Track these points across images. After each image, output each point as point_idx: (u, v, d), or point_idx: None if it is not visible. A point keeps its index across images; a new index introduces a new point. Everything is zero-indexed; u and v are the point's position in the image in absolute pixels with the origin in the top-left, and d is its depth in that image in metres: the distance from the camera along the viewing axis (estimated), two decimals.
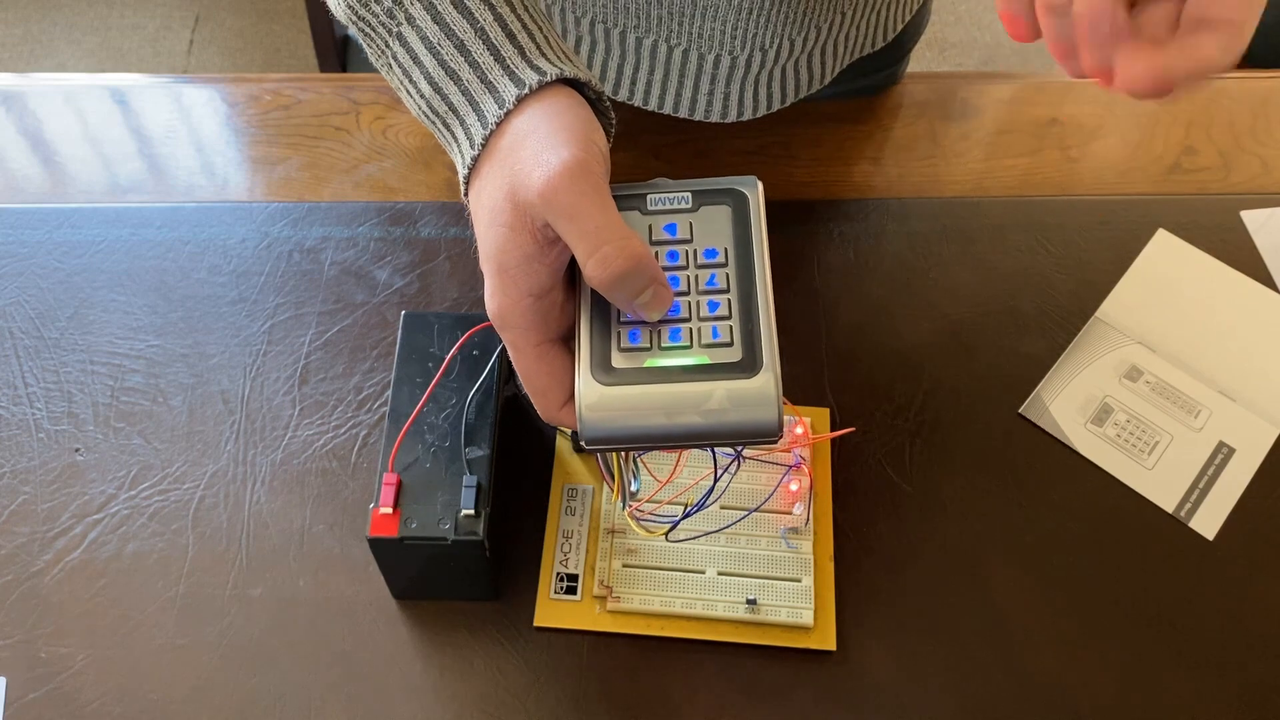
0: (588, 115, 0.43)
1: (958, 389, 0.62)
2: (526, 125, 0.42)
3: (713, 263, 0.43)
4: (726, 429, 0.41)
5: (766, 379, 0.41)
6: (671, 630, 0.54)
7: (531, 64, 0.43)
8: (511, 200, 0.41)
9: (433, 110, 0.46)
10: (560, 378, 0.43)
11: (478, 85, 0.44)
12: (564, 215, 0.40)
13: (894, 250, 0.67)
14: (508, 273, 0.42)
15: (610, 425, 0.41)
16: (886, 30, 0.71)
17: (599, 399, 0.41)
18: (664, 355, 0.42)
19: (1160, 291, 0.66)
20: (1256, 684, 0.54)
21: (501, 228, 0.42)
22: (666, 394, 0.41)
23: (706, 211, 0.44)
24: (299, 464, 0.59)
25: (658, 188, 0.45)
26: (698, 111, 0.67)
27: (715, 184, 0.45)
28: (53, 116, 0.73)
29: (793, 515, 0.56)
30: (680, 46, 0.63)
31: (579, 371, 0.42)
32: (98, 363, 0.63)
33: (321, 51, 1.17)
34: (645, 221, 0.44)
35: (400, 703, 0.53)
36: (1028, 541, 0.58)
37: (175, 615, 0.56)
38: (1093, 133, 0.72)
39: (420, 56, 0.45)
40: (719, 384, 0.41)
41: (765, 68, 0.65)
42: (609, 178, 0.42)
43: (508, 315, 0.43)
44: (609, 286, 0.41)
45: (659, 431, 0.41)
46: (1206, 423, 0.61)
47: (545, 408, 0.44)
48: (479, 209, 0.43)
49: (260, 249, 0.67)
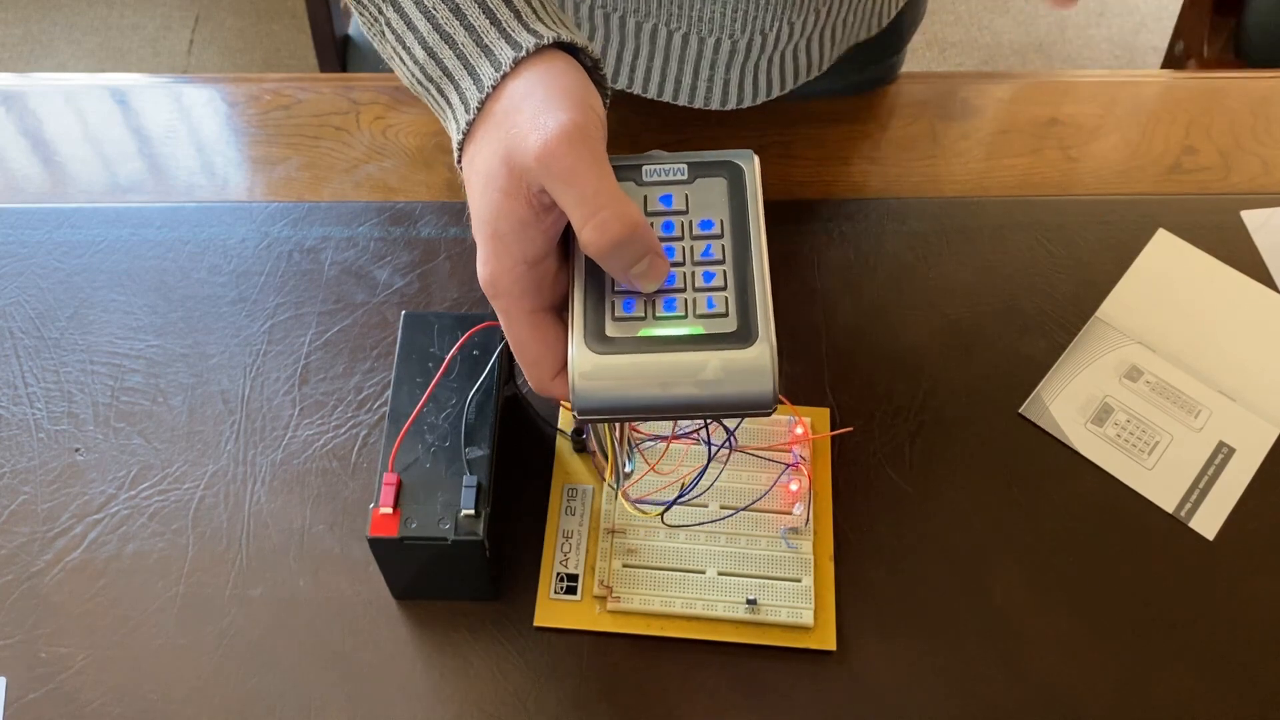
0: (585, 80, 0.42)
1: (958, 389, 0.62)
2: (523, 89, 0.42)
3: (708, 234, 0.43)
4: (721, 400, 0.40)
5: (762, 349, 0.40)
6: (671, 630, 0.54)
7: (528, 27, 0.43)
8: (507, 164, 0.41)
9: (426, 76, 0.45)
10: (553, 347, 0.43)
11: (473, 49, 0.43)
12: (561, 179, 0.39)
13: (893, 250, 0.67)
14: (501, 239, 0.41)
15: (603, 395, 0.40)
16: (882, 15, 0.71)
17: (593, 368, 0.40)
18: (659, 325, 0.41)
19: (1160, 291, 0.66)
20: (1256, 684, 0.54)
21: (496, 193, 0.41)
22: (661, 363, 0.40)
23: (702, 183, 0.44)
24: (299, 464, 0.59)
25: (654, 159, 0.45)
26: (698, 98, 0.67)
27: (711, 156, 0.45)
28: (53, 116, 0.73)
29: (793, 515, 0.56)
30: (680, 31, 0.63)
31: (572, 340, 0.41)
32: (98, 363, 0.63)
33: (321, 51, 1.17)
34: (641, 192, 0.44)
35: (400, 703, 0.53)
36: (1028, 541, 0.58)
37: (175, 615, 0.56)
38: (1093, 133, 0.72)
39: (414, 21, 0.44)
40: (714, 354, 0.40)
41: (765, 53, 0.65)
42: (606, 143, 0.42)
43: (500, 282, 0.42)
44: (605, 253, 0.40)
45: (653, 401, 0.40)
46: (1206, 423, 0.61)
47: (537, 378, 0.44)
48: (472, 174, 0.43)
49: (260, 249, 0.67)
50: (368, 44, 1.15)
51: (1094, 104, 0.74)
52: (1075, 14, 1.90)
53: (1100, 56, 1.86)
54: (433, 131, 0.72)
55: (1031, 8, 1.91)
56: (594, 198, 0.39)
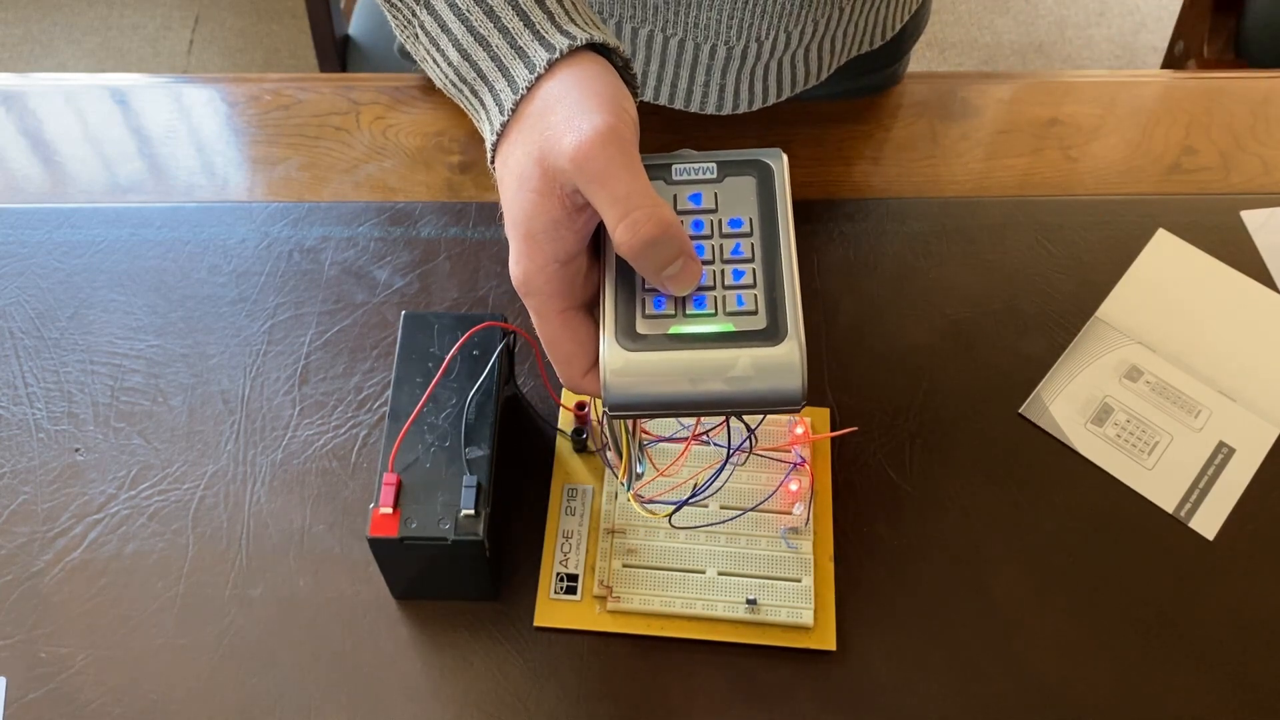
0: (617, 81, 0.43)
1: (958, 389, 0.62)
2: (557, 90, 0.42)
3: (737, 232, 0.43)
4: (750, 396, 0.41)
5: (791, 347, 0.41)
6: (671, 630, 0.54)
7: (561, 29, 0.43)
8: (541, 165, 0.41)
9: (460, 78, 0.45)
10: (584, 344, 0.43)
11: (507, 50, 0.44)
12: (595, 180, 0.40)
13: (894, 250, 0.67)
14: (534, 238, 0.42)
15: (635, 391, 0.41)
16: (885, 29, 0.70)
17: (624, 365, 0.41)
18: (689, 322, 0.42)
19: (1160, 291, 0.66)
20: (1256, 684, 0.54)
21: (530, 193, 0.41)
22: (691, 360, 0.41)
23: (731, 182, 0.44)
24: (299, 464, 0.59)
25: (683, 158, 0.45)
26: (693, 103, 0.67)
27: (740, 155, 0.45)
28: (53, 116, 0.73)
29: (793, 515, 0.56)
30: (676, 37, 0.63)
31: (604, 337, 0.42)
32: (98, 363, 0.63)
33: (321, 51, 1.17)
34: (670, 191, 0.44)
35: (400, 703, 0.53)
36: (1028, 541, 0.58)
37: (175, 615, 0.56)
38: (1093, 133, 0.72)
39: (448, 24, 0.45)
40: (744, 351, 0.41)
41: (761, 60, 0.65)
42: (639, 144, 0.42)
43: (533, 281, 0.42)
44: (637, 252, 0.40)
45: (683, 398, 0.41)
46: (1206, 423, 0.61)
47: (569, 375, 0.44)
48: (506, 174, 0.43)
49: (260, 249, 0.67)
50: (368, 44, 1.15)
51: (1094, 104, 0.74)
52: (1075, 14, 1.90)
53: (1100, 56, 1.86)
54: (433, 132, 0.72)
55: (1031, 8, 1.91)
56: (627, 198, 0.40)
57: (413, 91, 0.74)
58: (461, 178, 0.70)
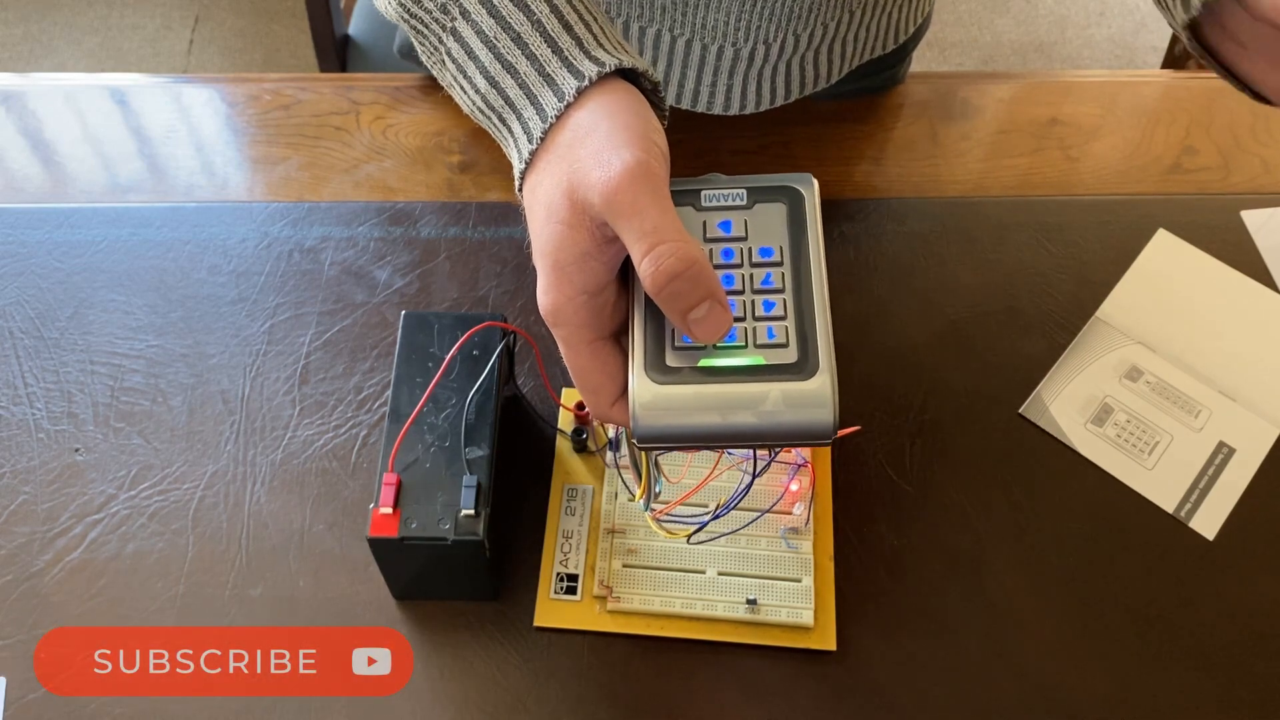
0: (647, 111, 0.43)
1: (958, 389, 0.62)
2: (587, 121, 0.42)
3: (768, 261, 0.43)
4: (781, 430, 0.41)
5: (823, 380, 0.40)
6: (671, 630, 0.54)
7: (590, 55, 0.43)
8: (570, 198, 0.41)
9: (488, 105, 0.45)
10: (613, 375, 0.43)
11: (535, 78, 0.43)
12: (623, 215, 0.40)
13: (894, 250, 0.67)
14: (563, 269, 0.41)
15: (664, 424, 0.41)
16: (897, 33, 0.70)
17: (653, 398, 0.41)
18: (718, 355, 0.41)
19: (1160, 291, 0.66)
20: (1256, 684, 0.54)
21: (558, 224, 0.41)
22: (721, 394, 0.40)
23: (761, 209, 0.44)
24: (299, 464, 0.59)
25: (712, 183, 0.45)
26: (699, 103, 0.67)
27: (770, 180, 0.45)
28: (53, 116, 0.73)
29: (793, 515, 0.56)
30: (683, 37, 0.63)
31: (633, 370, 0.41)
32: (98, 363, 0.63)
33: (321, 51, 1.17)
34: (700, 218, 0.44)
35: (400, 703, 0.53)
36: (1028, 541, 0.58)
37: (175, 615, 0.56)
38: (1093, 133, 0.72)
39: (475, 51, 0.45)
40: (774, 385, 0.40)
41: (769, 62, 0.65)
42: (668, 177, 0.42)
43: (561, 312, 0.42)
44: (661, 286, 0.39)
45: (713, 431, 0.41)
46: (1206, 423, 0.61)
47: (597, 405, 0.44)
48: (534, 204, 0.43)
49: (260, 249, 0.67)
50: (368, 44, 1.15)
51: (1094, 104, 0.74)
52: (1075, 14, 1.90)
53: (1100, 56, 1.86)
54: (433, 132, 0.72)
55: (1031, 8, 1.91)
56: (654, 232, 0.39)
57: (413, 91, 0.74)
58: (461, 178, 0.70)
